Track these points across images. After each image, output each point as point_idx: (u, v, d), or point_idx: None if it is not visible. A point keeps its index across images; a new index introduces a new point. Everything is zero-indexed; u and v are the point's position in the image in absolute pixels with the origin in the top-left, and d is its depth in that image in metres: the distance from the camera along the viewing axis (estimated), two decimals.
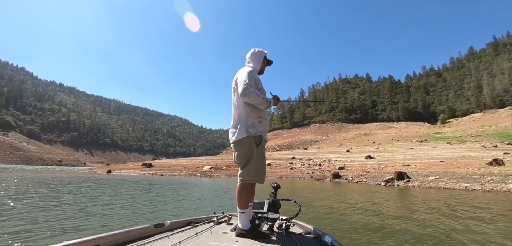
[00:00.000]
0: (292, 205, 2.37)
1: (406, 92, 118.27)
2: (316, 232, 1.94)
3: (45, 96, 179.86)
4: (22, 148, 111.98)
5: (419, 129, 75.72)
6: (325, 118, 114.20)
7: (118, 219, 4.99)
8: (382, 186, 13.27)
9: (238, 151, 2.02)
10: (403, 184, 12.91)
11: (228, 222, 2.24)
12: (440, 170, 14.78)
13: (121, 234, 1.69)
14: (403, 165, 17.81)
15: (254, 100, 1.95)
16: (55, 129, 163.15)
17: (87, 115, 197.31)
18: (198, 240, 1.73)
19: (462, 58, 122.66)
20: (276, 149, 64.96)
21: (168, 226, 2.02)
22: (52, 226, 4.13)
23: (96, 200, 7.59)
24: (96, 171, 32.82)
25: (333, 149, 43.17)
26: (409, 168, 16.60)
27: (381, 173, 16.40)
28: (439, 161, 17.92)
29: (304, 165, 25.49)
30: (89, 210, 5.77)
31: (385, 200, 8.15)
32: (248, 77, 1.98)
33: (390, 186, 12.96)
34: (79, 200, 7.34)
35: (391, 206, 6.85)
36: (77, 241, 1.45)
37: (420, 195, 9.08)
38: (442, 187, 11.56)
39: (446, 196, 8.87)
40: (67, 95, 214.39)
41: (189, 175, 25.01)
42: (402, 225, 4.59)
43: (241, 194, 1.94)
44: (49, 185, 11.66)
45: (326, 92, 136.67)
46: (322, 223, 4.83)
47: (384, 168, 18.07)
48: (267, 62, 2.30)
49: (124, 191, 10.35)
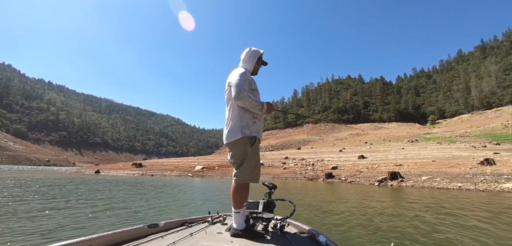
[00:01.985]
0: (287, 204, 2.34)
1: (397, 93, 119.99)
2: (310, 232, 1.92)
3: (33, 95, 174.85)
4: (8, 148, 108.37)
5: (410, 129, 76.91)
6: (318, 118, 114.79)
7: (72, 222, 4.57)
8: (375, 185, 13.13)
9: (232, 151, 2.02)
10: (396, 184, 12.80)
11: (222, 222, 2.23)
12: (432, 170, 14.77)
13: (114, 234, 1.66)
14: (395, 165, 17.79)
15: (248, 104, 1.94)
16: (43, 128, 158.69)
17: (77, 114, 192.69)
18: (192, 240, 1.72)
19: (451, 61, 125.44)
20: (269, 149, 64.77)
21: (162, 226, 2.00)
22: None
23: (60, 201, 7.10)
24: (84, 171, 31.86)
25: (326, 149, 43.23)
26: (402, 167, 16.57)
27: (374, 173, 16.32)
28: (431, 160, 17.98)
29: (297, 165, 25.30)
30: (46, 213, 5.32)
31: (378, 200, 7.95)
32: (241, 80, 1.96)
33: (384, 186, 12.83)
34: (42, 202, 6.85)
35: (385, 206, 6.63)
36: (69, 242, 1.43)
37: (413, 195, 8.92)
38: (435, 187, 11.48)
39: (439, 195, 8.74)
40: (56, 94, 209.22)
41: (180, 175, 24.47)
42: (397, 225, 4.35)
43: (236, 194, 1.94)
44: (25, 187, 11.04)
45: (319, 92, 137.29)
46: (316, 223, 4.54)
47: (377, 168, 18.01)
48: (262, 63, 2.25)
49: (104, 193, 9.85)
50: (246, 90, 1.94)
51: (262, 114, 2.05)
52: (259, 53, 2.18)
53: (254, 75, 2.20)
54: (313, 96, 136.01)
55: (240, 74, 2.00)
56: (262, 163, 27.70)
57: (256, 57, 2.16)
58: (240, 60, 2.20)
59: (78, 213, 5.37)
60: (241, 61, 2.19)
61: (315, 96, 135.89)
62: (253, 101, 1.93)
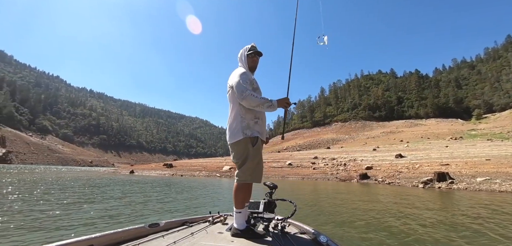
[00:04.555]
0: (288, 204, 2.32)
1: (435, 87, 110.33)
2: (311, 232, 1.90)
3: (77, 102, 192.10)
4: (57, 150, 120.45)
5: (451, 125, 70.39)
6: (347, 116, 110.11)
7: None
8: (419, 188, 11.76)
9: (234, 151, 2.02)
10: (445, 186, 11.31)
11: (223, 222, 2.22)
12: (489, 170, 12.90)
13: (116, 234, 1.67)
14: (441, 164, 15.97)
15: (252, 103, 1.90)
16: (86, 132, 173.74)
17: (114, 118, 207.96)
18: (193, 240, 1.72)
19: (499, 48, 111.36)
20: (297, 149, 63.40)
21: (163, 226, 1.99)
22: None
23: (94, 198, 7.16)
24: (120, 172, 33.73)
25: (358, 148, 40.96)
26: (449, 167, 14.77)
27: (416, 174, 14.76)
28: (484, 159, 15.83)
29: (328, 165, 24.12)
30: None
31: (427, 205, 6.90)
32: (242, 79, 1.94)
33: (430, 188, 11.43)
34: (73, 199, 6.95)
35: (437, 213, 5.65)
36: (71, 241, 1.45)
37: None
38: (496, 190, 9.87)
39: (504, 200, 7.40)
40: (96, 101, 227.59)
41: (208, 175, 24.69)
42: (458, 237, 3.51)
43: (237, 193, 1.94)
44: (63, 185, 11.65)
45: (347, 89, 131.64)
46: (359, 236, 3.87)
47: (419, 168, 16.32)
48: (255, 54, 2.15)
49: (130, 190, 9.97)
50: (249, 89, 1.91)
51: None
52: (245, 50, 2.15)
53: (253, 71, 2.17)
54: (341, 94, 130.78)
55: (240, 74, 1.99)
56: (290, 163, 26.93)
57: (243, 55, 2.14)
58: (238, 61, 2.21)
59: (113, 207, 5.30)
60: (238, 63, 2.19)
61: (343, 93, 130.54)
62: (258, 100, 1.88)
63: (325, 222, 4.80)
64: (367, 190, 11.32)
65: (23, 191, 8.57)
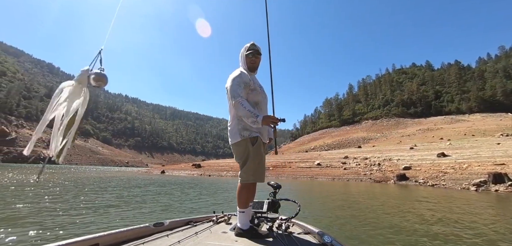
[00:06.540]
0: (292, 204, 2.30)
1: (479, 78, 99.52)
2: (315, 232, 1.89)
3: (115, 107, 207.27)
4: (98, 152, 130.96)
5: (501, 120, 63.10)
6: (379, 114, 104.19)
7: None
8: (471, 190, 10.44)
9: (235, 152, 2.02)
10: (504, 189, 9.88)
11: (227, 222, 2.21)
12: None
13: (120, 233, 1.68)
14: (494, 164, 14.12)
15: (240, 112, 1.86)
16: (123, 135, 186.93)
17: (147, 122, 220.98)
18: (197, 239, 1.73)
19: None
20: (325, 148, 61.50)
21: (168, 225, 2.00)
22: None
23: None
24: (152, 172, 35.34)
25: (392, 146, 38.37)
26: (506, 167, 12.99)
27: (465, 175, 13.21)
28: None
29: (360, 165, 22.81)
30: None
31: (491, 213, 5.96)
32: (234, 84, 1.92)
33: (484, 191, 10.09)
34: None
35: (504, 223, 4.78)
36: (76, 240, 1.46)
37: None
38: None
39: None
40: (131, 105, 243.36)
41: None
42: None
43: (241, 194, 1.94)
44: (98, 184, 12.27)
45: (378, 85, 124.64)
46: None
47: (467, 168, 14.62)
48: (254, 54, 2.06)
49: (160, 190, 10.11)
50: (240, 96, 1.87)
51: (255, 125, 1.83)
52: (244, 49, 2.09)
53: (254, 71, 2.10)
54: (372, 90, 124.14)
55: (233, 78, 1.95)
56: (319, 163, 26.01)
57: (245, 53, 2.08)
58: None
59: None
60: (239, 61, 2.17)
61: (373, 89, 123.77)
62: (244, 111, 1.82)
63: (374, 233, 4.26)
64: (407, 193, 10.31)
65: (94, 186, 9.13)
